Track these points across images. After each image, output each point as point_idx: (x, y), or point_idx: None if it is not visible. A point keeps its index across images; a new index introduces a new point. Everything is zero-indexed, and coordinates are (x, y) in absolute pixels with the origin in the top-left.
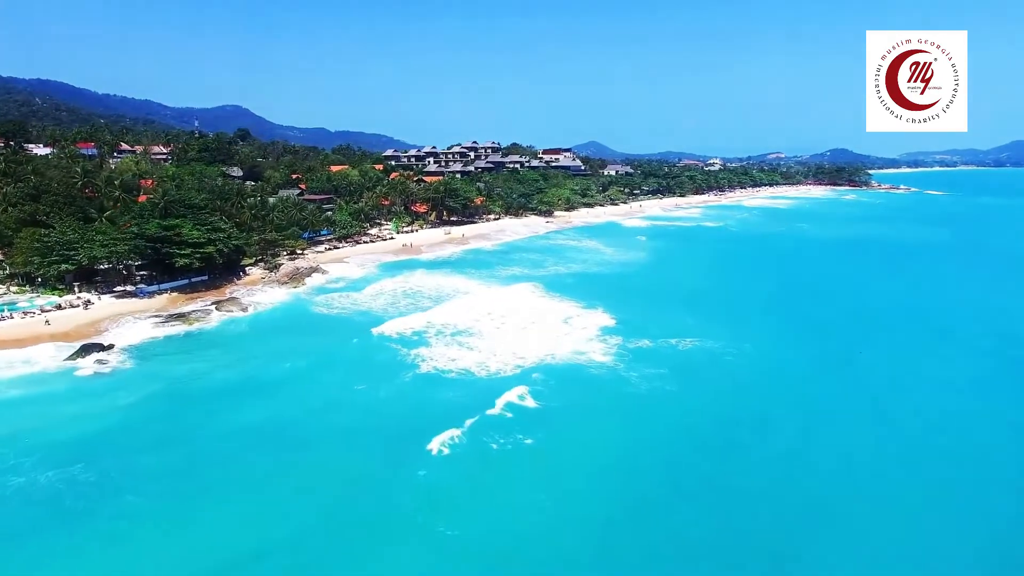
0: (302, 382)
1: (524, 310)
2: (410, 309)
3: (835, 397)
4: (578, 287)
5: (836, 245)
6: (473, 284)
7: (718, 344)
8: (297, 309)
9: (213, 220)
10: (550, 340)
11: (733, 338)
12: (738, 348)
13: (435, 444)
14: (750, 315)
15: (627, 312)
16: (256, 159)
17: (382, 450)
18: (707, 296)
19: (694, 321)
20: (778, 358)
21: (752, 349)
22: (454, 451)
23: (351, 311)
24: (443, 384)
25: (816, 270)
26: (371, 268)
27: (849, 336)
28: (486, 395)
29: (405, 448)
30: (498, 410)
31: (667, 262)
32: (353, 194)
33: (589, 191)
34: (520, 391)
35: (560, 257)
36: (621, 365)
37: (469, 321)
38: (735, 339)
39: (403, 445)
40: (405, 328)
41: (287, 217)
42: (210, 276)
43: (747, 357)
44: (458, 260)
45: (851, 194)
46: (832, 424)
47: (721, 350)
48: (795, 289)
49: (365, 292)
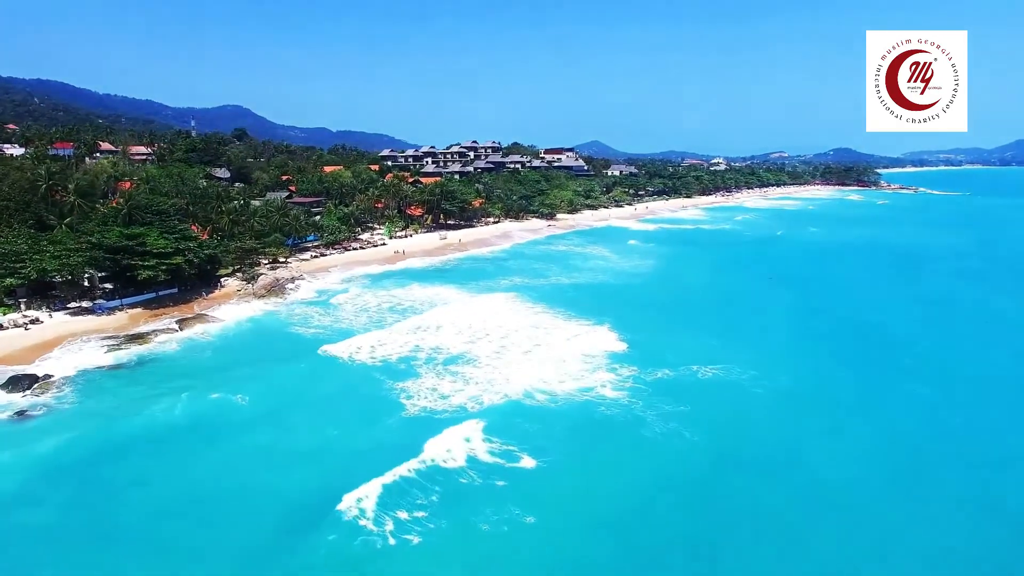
0: (260, 428)
1: (524, 329)
2: (397, 328)
3: (911, 457)
4: (583, 300)
5: (863, 252)
6: (468, 299)
7: (746, 373)
8: (270, 328)
9: (183, 227)
10: (552, 370)
11: (763, 365)
12: (771, 380)
13: (390, 524)
14: (779, 335)
15: (638, 331)
16: (246, 159)
17: (330, 526)
18: (727, 311)
19: (715, 342)
20: (821, 394)
21: (789, 382)
22: (427, 536)
23: (331, 330)
24: (430, 427)
25: (846, 282)
26: (358, 279)
27: (903, 365)
28: (479, 449)
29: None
30: (489, 469)
31: (679, 270)
32: (345, 196)
33: (593, 192)
34: (515, 446)
35: (563, 265)
36: (634, 403)
37: (462, 345)
38: (766, 366)
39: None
40: (390, 353)
41: (269, 222)
42: (181, 289)
43: (783, 393)
44: (453, 268)
45: (862, 195)
46: (912, 497)
47: (751, 382)
48: (826, 303)
49: (349, 307)
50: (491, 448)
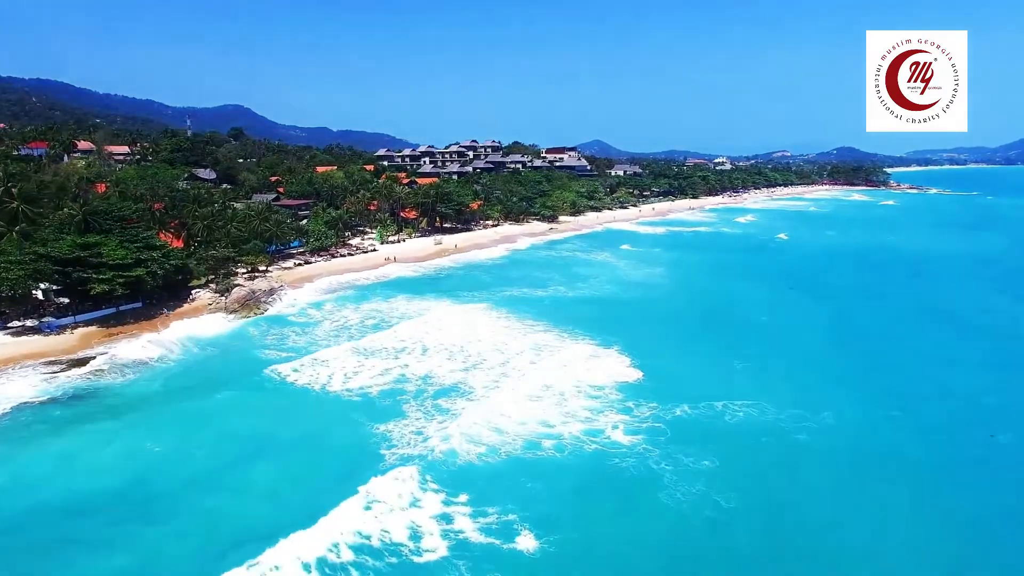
0: (205, 494)
1: (524, 353)
2: (380, 352)
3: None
4: (589, 317)
5: (888, 258)
6: (461, 315)
7: (782, 412)
8: (238, 351)
9: (148, 235)
10: (556, 407)
11: (800, 400)
12: (813, 421)
13: None
14: (812, 359)
15: (651, 355)
16: (236, 159)
17: None
18: (749, 329)
19: (740, 368)
20: (880, 441)
21: (834, 421)
22: None
23: (305, 354)
24: (413, 495)
25: (874, 293)
26: (342, 290)
27: (971, 397)
28: (469, 528)
29: None
30: (480, 554)
31: (692, 279)
32: (336, 198)
33: (596, 193)
34: (515, 514)
35: (566, 273)
36: (652, 453)
37: (454, 373)
38: (804, 402)
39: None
40: (371, 384)
41: (249, 228)
42: (145, 303)
43: (832, 439)
44: (447, 277)
45: (872, 195)
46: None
47: (790, 424)
48: (857, 318)
49: (327, 325)
50: (485, 523)
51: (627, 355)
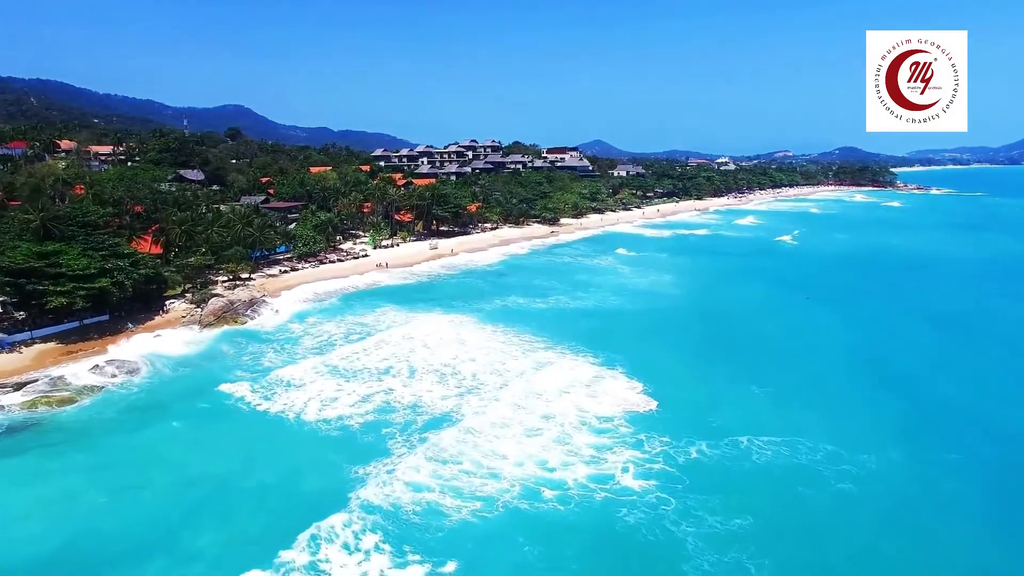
0: (141, 568)
1: (523, 375)
2: (362, 374)
3: None
4: (593, 331)
5: (907, 263)
6: (455, 330)
7: (817, 450)
8: (207, 372)
9: (115, 242)
10: (558, 445)
11: (835, 435)
12: (855, 462)
13: None
14: (843, 382)
15: (661, 378)
16: (227, 160)
17: None
18: (767, 345)
19: (763, 395)
20: (936, 491)
21: (878, 465)
22: None
23: (280, 376)
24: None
25: (898, 301)
26: (328, 299)
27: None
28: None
29: None
30: None
31: (702, 288)
32: (328, 200)
33: (599, 195)
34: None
35: (567, 281)
36: (669, 506)
37: (444, 401)
38: (840, 437)
39: None
40: (351, 414)
41: (232, 233)
42: (114, 315)
43: (879, 486)
44: (440, 285)
45: (880, 196)
46: None
47: (827, 467)
48: (889, 332)
49: (308, 341)
50: None
51: (635, 378)
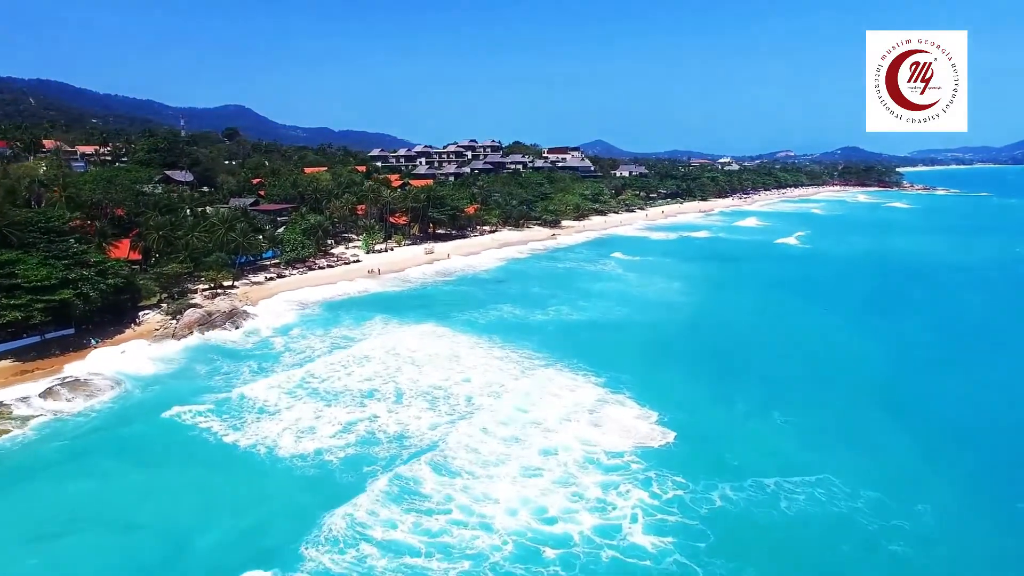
0: None
1: (519, 399)
2: (344, 397)
3: None
4: (598, 347)
5: (932, 268)
6: (447, 344)
7: (857, 496)
8: (173, 395)
9: (81, 249)
10: (559, 487)
11: (878, 476)
12: (906, 515)
13: None
14: (877, 406)
15: (674, 404)
16: (220, 160)
17: None
18: (788, 364)
19: (788, 424)
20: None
21: (935, 519)
22: None
23: (253, 400)
24: None
25: (929, 310)
26: (313, 310)
27: None
28: None
29: None
30: None
31: (712, 298)
32: (320, 202)
33: (601, 195)
34: None
35: (570, 289)
36: (685, 571)
37: (432, 430)
38: (884, 480)
39: None
40: (328, 446)
41: (214, 238)
42: (80, 328)
43: (941, 550)
44: (434, 293)
45: (888, 197)
46: None
47: (873, 519)
48: (922, 347)
49: (288, 358)
50: None
51: (644, 403)
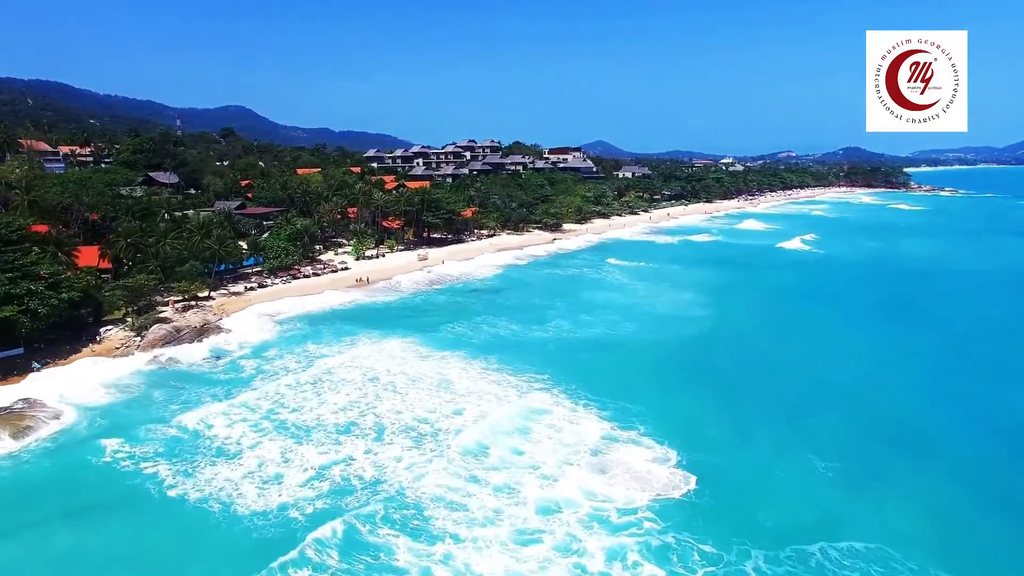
0: None
1: (514, 437)
2: (318, 432)
3: None
4: (603, 370)
5: (960, 276)
6: (437, 366)
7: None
8: (120, 431)
9: (30, 262)
10: (558, 554)
11: (952, 551)
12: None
13: None
14: (943, 454)
15: (697, 444)
16: (212, 161)
17: None
18: (820, 391)
19: (830, 472)
20: None
21: None
22: None
23: (214, 437)
24: None
25: (984, 324)
26: (294, 323)
27: None
28: None
29: None
30: None
31: (729, 310)
32: (311, 205)
33: (604, 197)
34: None
35: (572, 301)
36: None
37: (418, 482)
38: (958, 553)
39: None
40: (297, 498)
41: (188, 245)
42: (30, 347)
43: None
44: (426, 305)
45: (896, 198)
46: None
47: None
48: (974, 371)
49: (260, 383)
50: None
51: (660, 439)
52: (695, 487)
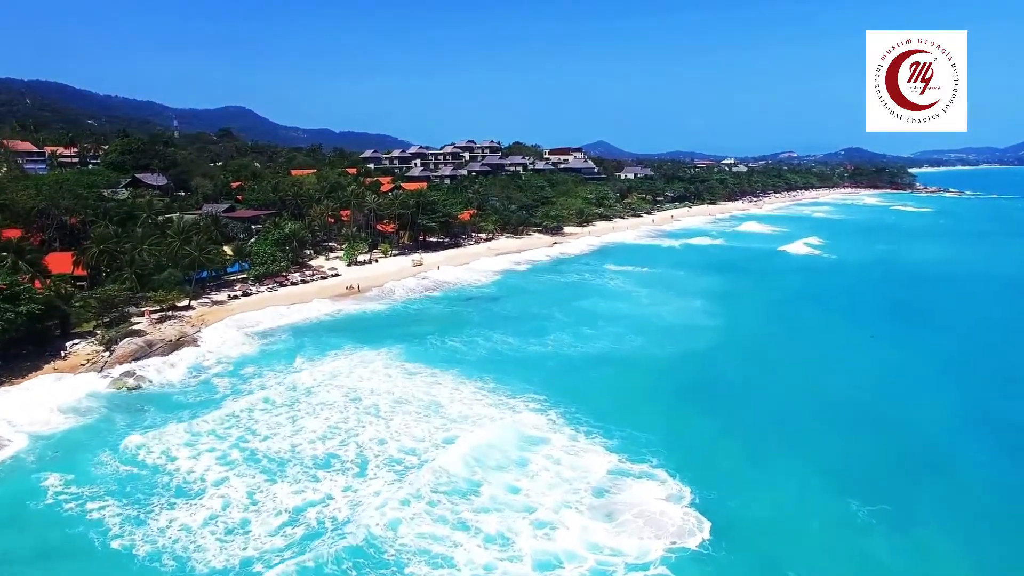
0: None
1: (511, 472)
2: (291, 467)
3: None
4: (608, 393)
5: (983, 282)
6: (426, 385)
7: None
8: (68, 465)
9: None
10: None
11: None
12: None
13: None
14: (990, 488)
15: (714, 479)
16: (202, 162)
17: None
18: (850, 414)
19: (873, 518)
20: None
21: None
22: None
23: (175, 472)
24: None
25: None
26: (277, 336)
27: None
28: None
29: None
30: None
31: (740, 321)
32: (302, 207)
33: (606, 199)
34: None
35: (573, 311)
36: None
37: (395, 530)
38: None
39: None
40: (263, 552)
41: (168, 251)
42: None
43: None
44: (419, 315)
45: (904, 199)
46: None
47: None
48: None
49: (232, 405)
50: None
51: (673, 474)
52: (708, 531)
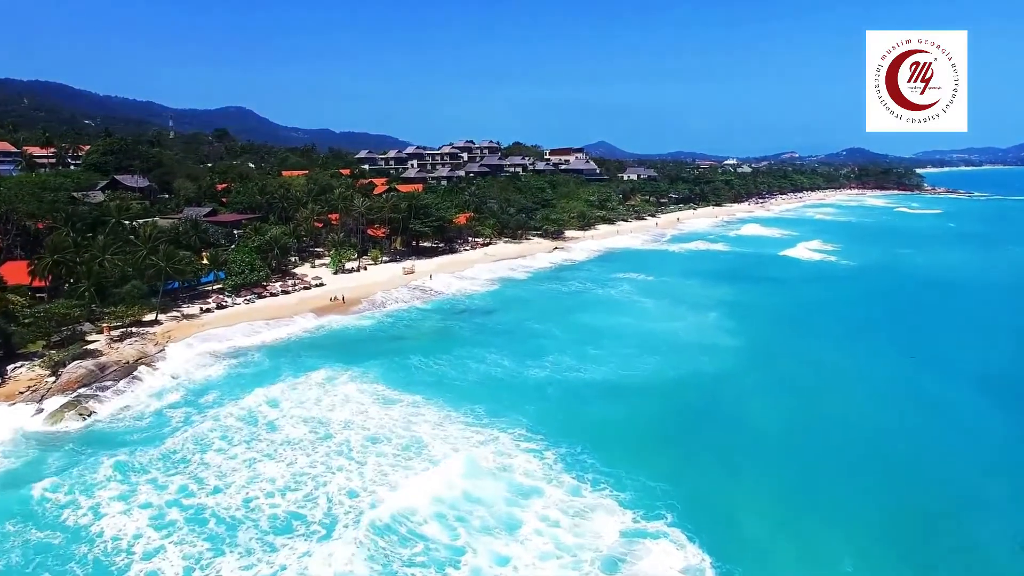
0: None
1: (501, 544)
2: (247, 528)
3: None
4: (616, 428)
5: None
6: (405, 416)
7: None
8: None
9: None
10: None
11: None
12: None
13: None
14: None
15: (740, 551)
16: (194, 163)
17: None
18: (898, 452)
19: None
20: None
21: None
22: None
23: (100, 542)
24: None
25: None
26: (249, 356)
27: None
28: None
29: None
30: None
31: (760, 338)
32: (290, 211)
33: (609, 201)
34: None
35: (575, 326)
36: None
37: None
38: None
39: None
40: None
41: (133, 261)
42: None
43: None
44: (406, 331)
45: (915, 201)
46: None
47: None
48: None
49: (187, 445)
50: None
51: (691, 537)
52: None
